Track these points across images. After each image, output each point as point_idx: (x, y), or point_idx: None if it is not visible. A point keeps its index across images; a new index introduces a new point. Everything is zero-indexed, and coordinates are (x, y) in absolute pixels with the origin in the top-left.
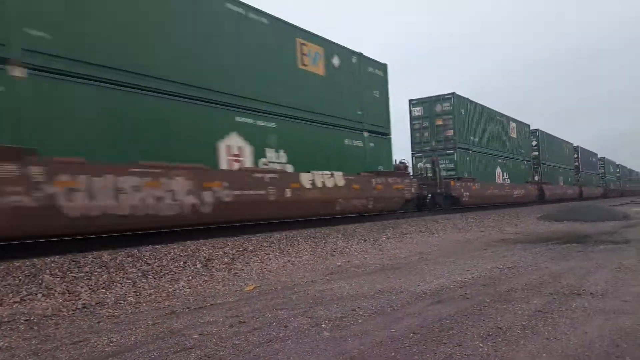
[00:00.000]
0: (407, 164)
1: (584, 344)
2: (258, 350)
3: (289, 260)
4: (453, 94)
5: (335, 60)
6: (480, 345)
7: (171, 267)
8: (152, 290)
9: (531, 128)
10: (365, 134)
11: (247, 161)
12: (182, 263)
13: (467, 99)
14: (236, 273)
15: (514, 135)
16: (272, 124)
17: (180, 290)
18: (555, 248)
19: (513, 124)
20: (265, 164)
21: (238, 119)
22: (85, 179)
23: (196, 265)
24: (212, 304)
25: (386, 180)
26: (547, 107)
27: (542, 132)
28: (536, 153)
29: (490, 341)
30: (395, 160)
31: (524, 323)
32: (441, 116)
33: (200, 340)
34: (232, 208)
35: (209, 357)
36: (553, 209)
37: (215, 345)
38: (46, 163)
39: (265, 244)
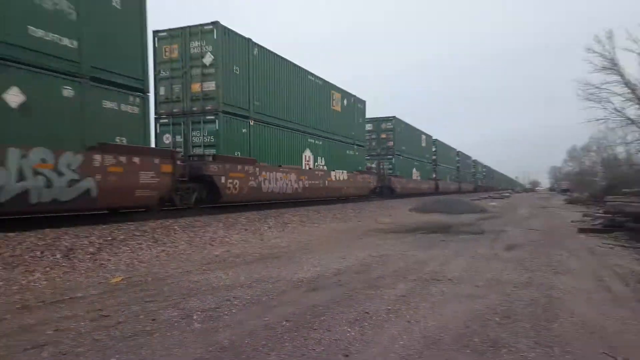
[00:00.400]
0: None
1: (439, 326)
2: (121, 345)
3: (163, 250)
4: (394, 117)
5: (345, 102)
6: (348, 330)
7: (26, 257)
8: (1, 283)
9: (432, 138)
10: (355, 147)
11: (311, 164)
12: (39, 253)
13: (402, 120)
14: (102, 264)
15: (424, 144)
16: (320, 142)
17: (36, 282)
18: (422, 237)
19: (424, 136)
20: (317, 166)
21: (309, 140)
22: (269, 174)
23: (55, 255)
24: (71, 297)
25: (364, 176)
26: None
27: (439, 141)
28: (435, 157)
29: (357, 326)
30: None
31: (390, 307)
32: (385, 132)
33: (55, 336)
34: (308, 190)
35: (64, 354)
36: (423, 201)
37: (72, 342)
38: (259, 166)
39: (137, 233)
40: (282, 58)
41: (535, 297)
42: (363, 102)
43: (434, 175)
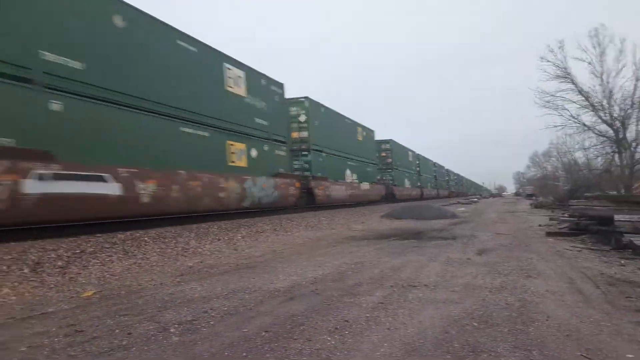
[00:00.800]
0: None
1: (419, 332)
2: None
3: (135, 263)
4: (391, 140)
5: (364, 133)
6: (328, 338)
7: None
8: None
9: (416, 153)
10: (371, 165)
11: (350, 179)
12: (5, 267)
13: (396, 142)
14: (72, 277)
15: (410, 159)
16: (354, 163)
17: (4, 298)
18: (395, 244)
19: (410, 152)
20: (353, 180)
21: (348, 162)
22: (333, 186)
23: (23, 269)
24: (43, 313)
25: (377, 186)
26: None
27: (420, 155)
28: (418, 169)
29: (337, 334)
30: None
31: (368, 315)
32: (384, 151)
33: (28, 353)
34: (352, 196)
35: None
36: (393, 208)
37: (47, 358)
38: (329, 182)
39: (106, 245)
40: (331, 109)
41: (510, 302)
42: (373, 132)
43: (418, 184)
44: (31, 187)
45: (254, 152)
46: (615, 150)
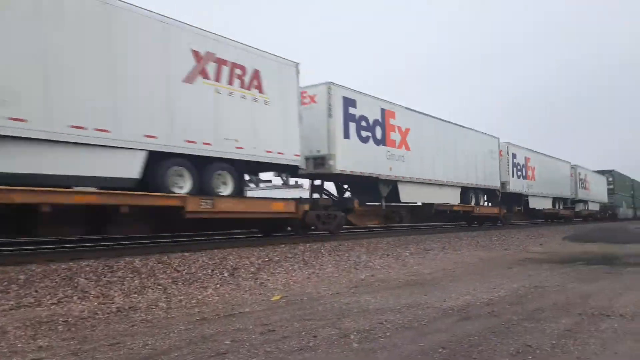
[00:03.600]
0: None
1: None
2: (290, 357)
3: (313, 272)
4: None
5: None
6: None
7: (200, 274)
8: (182, 297)
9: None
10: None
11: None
12: (209, 271)
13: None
14: (262, 283)
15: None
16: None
17: (209, 297)
18: (582, 269)
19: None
20: None
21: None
22: None
23: (223, 273)
24: (240, 312)
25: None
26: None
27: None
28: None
29: (520, 358)
30: None
31: (554, 342)
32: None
33: (232, 346)
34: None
35: None
36: (578, 230)
37: (248, 352)
38: None
39: (289, 255)
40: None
41: None
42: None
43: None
44: None
45: None
46: None
